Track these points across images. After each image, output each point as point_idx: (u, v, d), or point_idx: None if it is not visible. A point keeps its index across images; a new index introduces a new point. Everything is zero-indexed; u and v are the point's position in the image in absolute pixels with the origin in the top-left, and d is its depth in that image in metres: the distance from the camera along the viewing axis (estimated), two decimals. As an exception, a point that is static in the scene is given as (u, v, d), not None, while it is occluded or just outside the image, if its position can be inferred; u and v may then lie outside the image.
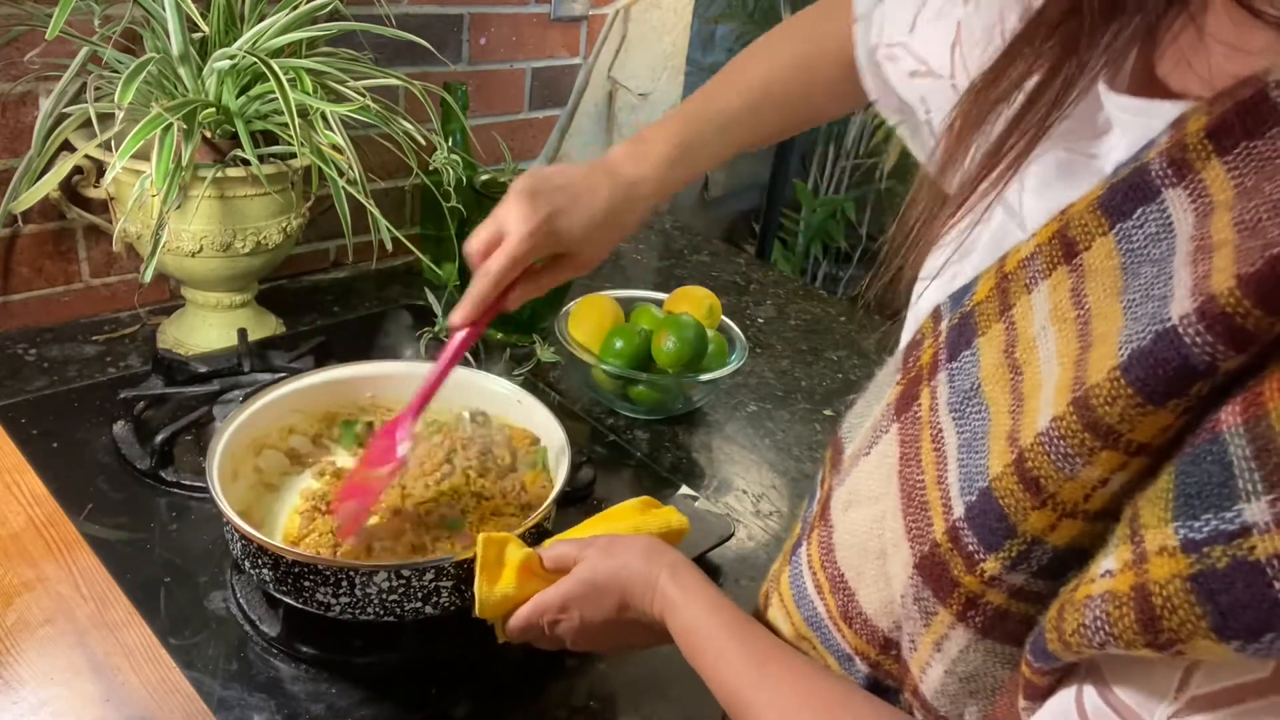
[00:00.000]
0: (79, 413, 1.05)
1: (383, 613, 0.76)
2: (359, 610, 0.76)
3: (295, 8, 1.07)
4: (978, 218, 0.49)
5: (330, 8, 1.10)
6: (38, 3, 1.05)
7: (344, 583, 0.74)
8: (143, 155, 0.97)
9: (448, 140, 1.26)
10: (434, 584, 0.76)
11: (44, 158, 1.07)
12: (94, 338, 1.21)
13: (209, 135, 1.08)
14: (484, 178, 1.33)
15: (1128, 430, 0.37)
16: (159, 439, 0.98)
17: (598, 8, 1.62)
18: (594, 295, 1.25)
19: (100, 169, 1.10)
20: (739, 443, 1.19)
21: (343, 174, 1.05)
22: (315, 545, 0.81)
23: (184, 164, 0.98)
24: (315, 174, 1.08)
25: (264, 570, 0.77)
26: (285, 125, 0.99)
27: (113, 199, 1.11)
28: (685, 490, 1.07)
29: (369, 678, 0.80)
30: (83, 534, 0.89)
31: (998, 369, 0.44)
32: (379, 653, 0.81)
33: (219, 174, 1.05)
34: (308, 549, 0.80)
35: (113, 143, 1.01)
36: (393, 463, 0.79)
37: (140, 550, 0.89)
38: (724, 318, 1.27)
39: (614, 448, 1.14)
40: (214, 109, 1.04)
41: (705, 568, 0.93)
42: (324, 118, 1.04)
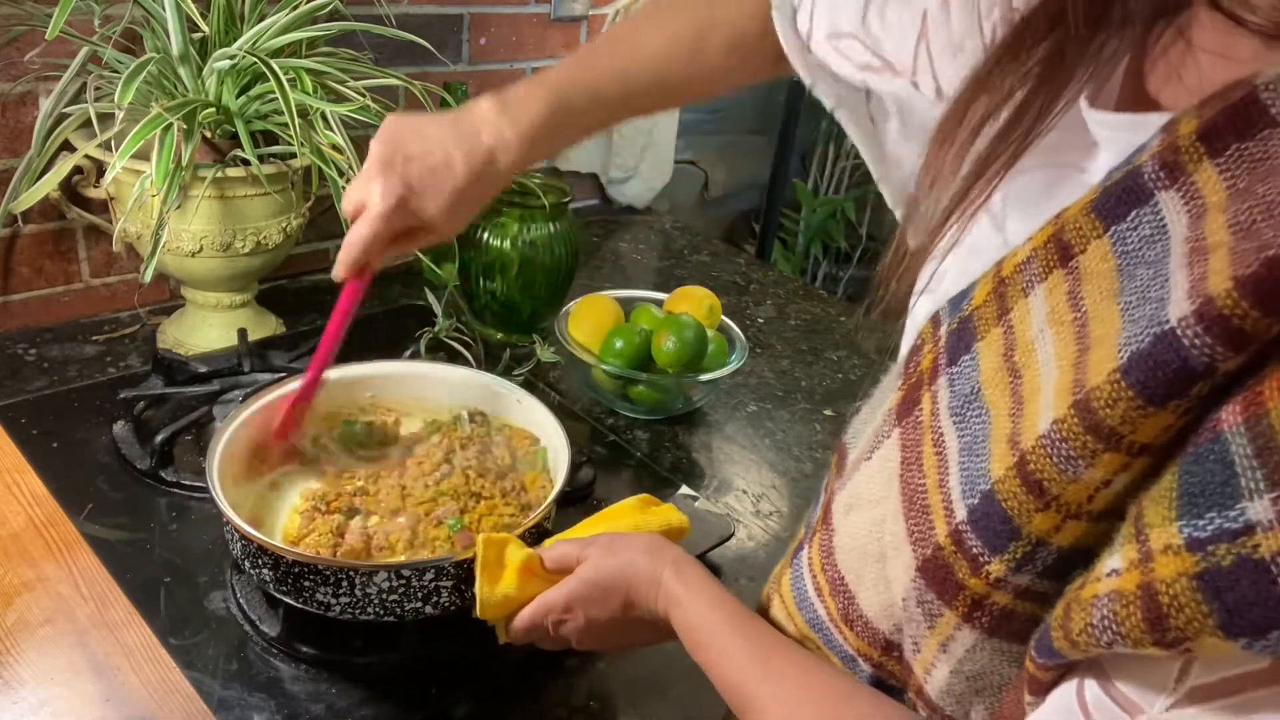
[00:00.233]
0: (79, 413, 1.05)
1: (383, 613, 0.76)
2: (359, 610, 0.76)
3: (295, 8, 1.07)
4: (962, 228, 0.49)
5: (330, 8, 1.10)
6: (38, 3, 1.05)
7: (344, 583, 0.74)
8: (143, 155, 0.97)
9: (448, 140, 1.26)
10: (434, 584, 0.76)
11: (44, 158, 1.07)
12: (94, 338, 1.21)
13: (209, 135, 1.08)
14: (484, 178, 1.33)
15: (1129, 432, 0.37)
16: (159, 439, 0.98)
17: (598, 8, 1.61)
18: (594, 295, 1.25)
19: (100, 169, 1.10)
20: (739, 443, 1.19)
21: (343, 174, 1.05)
22: (315, 545, 0.81)
23: (184, 164, 0.98)
24: (315, 174, 1.09)
25: (264, 570, 0.77)
26: (285, 125, 0.99)
27: (113, 199, 1.11)
28: (685, 490, 1.07)
29: (369, 678, 0.80)
30: (83, 534, 0.89)
31: (997, 373, 0.44)
32: (379, 653, 0.81)
33: (219, 174, 1.05)
34: (308, 549, 0.80)
35: (113, 143, 1.02)
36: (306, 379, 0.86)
37: (140, 550, 0.89)
38: (724, 318, 1.27)
39: (614, 448, 1.14)
40: (214, 109, 1.04)
41: (706, 567, 0.93)
42: (324, 118, 1.04)
